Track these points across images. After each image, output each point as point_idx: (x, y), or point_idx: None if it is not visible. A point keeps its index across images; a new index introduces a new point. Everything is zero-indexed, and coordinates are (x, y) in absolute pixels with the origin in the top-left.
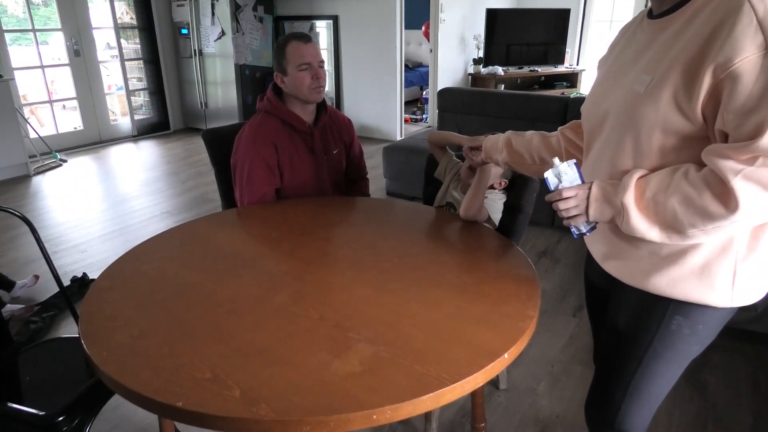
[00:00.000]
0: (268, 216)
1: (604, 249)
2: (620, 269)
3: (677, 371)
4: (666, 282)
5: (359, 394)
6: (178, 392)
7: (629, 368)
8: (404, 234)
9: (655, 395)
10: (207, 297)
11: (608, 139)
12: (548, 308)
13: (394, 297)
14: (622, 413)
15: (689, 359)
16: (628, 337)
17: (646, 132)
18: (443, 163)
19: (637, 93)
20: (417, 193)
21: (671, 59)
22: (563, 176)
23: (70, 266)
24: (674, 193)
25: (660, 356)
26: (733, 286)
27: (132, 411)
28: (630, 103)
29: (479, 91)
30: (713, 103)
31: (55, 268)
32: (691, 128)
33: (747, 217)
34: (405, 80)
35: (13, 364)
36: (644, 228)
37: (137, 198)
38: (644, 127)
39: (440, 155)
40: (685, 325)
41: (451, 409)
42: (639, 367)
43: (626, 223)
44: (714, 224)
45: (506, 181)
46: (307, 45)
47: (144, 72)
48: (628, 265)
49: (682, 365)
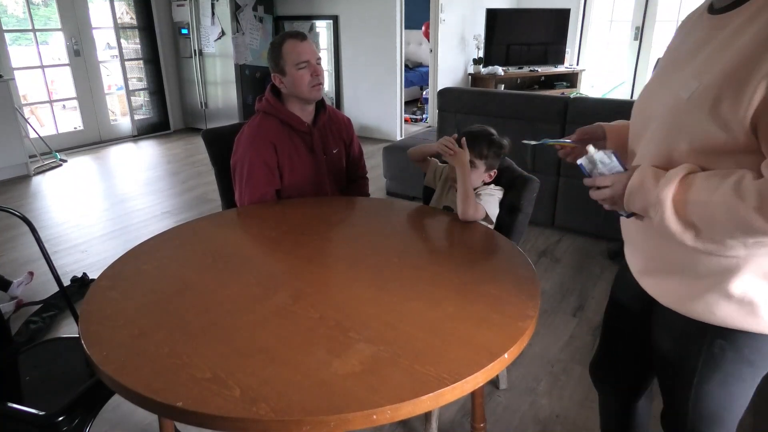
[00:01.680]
0: (268, 216)
1: (641, 263)
2: (656, 287)
3: (740, 391)
4: (703, 308)
5: (359, 393)
6: (178, 392)
7: (685, 394)
8: (404, 234)
9: (723, 417)
10: (207, 297)
11: (649, 145)
12: (548, 308)
13: (393, 297)
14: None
15: (749, 380)
16: (674, 362)
17: (684, 142)
18: (429, 172)
19: (680, 99)
20: (417, 193)
21: (723, 64)
22: (599, 165)
23: (70, 266)
24: (720, 198)
25: (711, 379)
26: None
27: (132, 411)
28: (673, 109)
29: (479, 91)
30: (767, 117)
31: (55, 268)
32: (733, 143)
33: None
34: (405, 80)
35: (13, 364)
36: (678, 229)
37: (137, 198)
38: (683, 137)
39: (425, 167)
40: (729, 348)
41: (451, 409)
42: (692, 392)
43: (660, 219)
44: (756, 239)
45: (495, 172)
46: (303, 43)
47: (144, 72)
48: (664, 284)
49: (743, 386)
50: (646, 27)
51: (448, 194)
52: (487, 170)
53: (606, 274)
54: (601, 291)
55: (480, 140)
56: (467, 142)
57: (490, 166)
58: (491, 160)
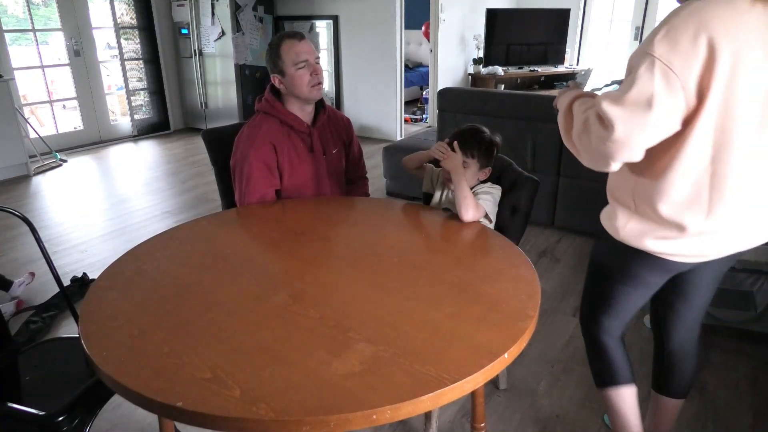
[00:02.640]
0: (268, 216)
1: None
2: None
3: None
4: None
5: (359, 393)
6: (178, 392)
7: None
8: (404, 234)
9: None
10: (207, 297)
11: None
12: (548, 308)
13: (393, 296)
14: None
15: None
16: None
17: None
18: (426, 177)
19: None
20: (417, 194)
21: None
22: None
23: (70, 266)
24: (575, 115)
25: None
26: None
27: (132, 411)
28: None
29: (479, 91)
30: None
31: (55, 268)
32: None
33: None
34: (405, 80)
35: (13, 364)
36: (561, 120)
37: (137, 198)
38: None
39: (420, 173)
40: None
41: (451, 409)
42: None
43: (561, 112)
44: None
45: (489, 170)
46: (301, 42)
47: (144, 72)
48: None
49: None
50: (646, 27)
51: (446, 196)
52: (480, 168)
53: None
54: None
55: (469, 139)
56: (458, 142)
57: (482, 164)
58: (483, 158)
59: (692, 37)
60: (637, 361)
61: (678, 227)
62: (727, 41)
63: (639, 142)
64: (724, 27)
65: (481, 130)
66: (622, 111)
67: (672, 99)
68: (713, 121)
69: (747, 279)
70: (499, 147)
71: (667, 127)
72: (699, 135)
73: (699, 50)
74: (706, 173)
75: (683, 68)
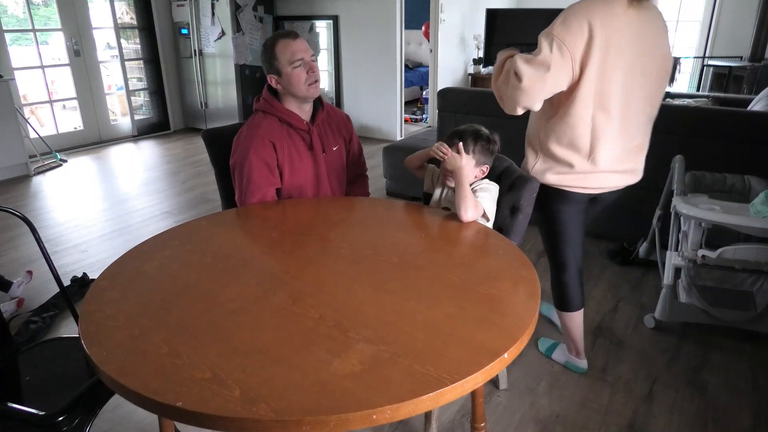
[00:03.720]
0: (268, 216)
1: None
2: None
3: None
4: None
5: (359, 393)
6: (178, 392)
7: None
8: (404, 233)
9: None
10: (207, 297)
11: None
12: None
13: (393, 296)
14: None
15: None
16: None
17: None
18: (427, 177)
19: None
20: (417, 193)
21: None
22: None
23: (70, 266)
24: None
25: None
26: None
27: (132, 411)
28: None
29: (479, 91)
30: None
31: (55, 268)
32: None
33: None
34: (405, 80)
35: (13, 364)
36: (495, 73)
37: (137, 198)
38: None
39: (421, 173)
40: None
41: (451, 409)
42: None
43: (495, 65)
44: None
45: (487, 167)
46: (296, 41)
47: (144, 72)
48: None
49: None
50: None
51: (446, 195)
52: (477, 165)
53: (606, 274)
54: (601, 291)
55: (466, 136)
56: (456, 138)
57: (479, 161)
58: (480, 154)
59: (579, 24)
60: (637, 360)
61: (568, 165)
62: (602, 29)
63: (537, 92)
64: (602, 20)
65: (479, 128)
66: (528, 68)
67: (563, 65)
68: (592, 86)
69: (747, 279)
70: (497, 145)
71: (557, 86)
72: (582, 96)
73: (584, 33)
74: (587, 127)
75: (572, 44)
